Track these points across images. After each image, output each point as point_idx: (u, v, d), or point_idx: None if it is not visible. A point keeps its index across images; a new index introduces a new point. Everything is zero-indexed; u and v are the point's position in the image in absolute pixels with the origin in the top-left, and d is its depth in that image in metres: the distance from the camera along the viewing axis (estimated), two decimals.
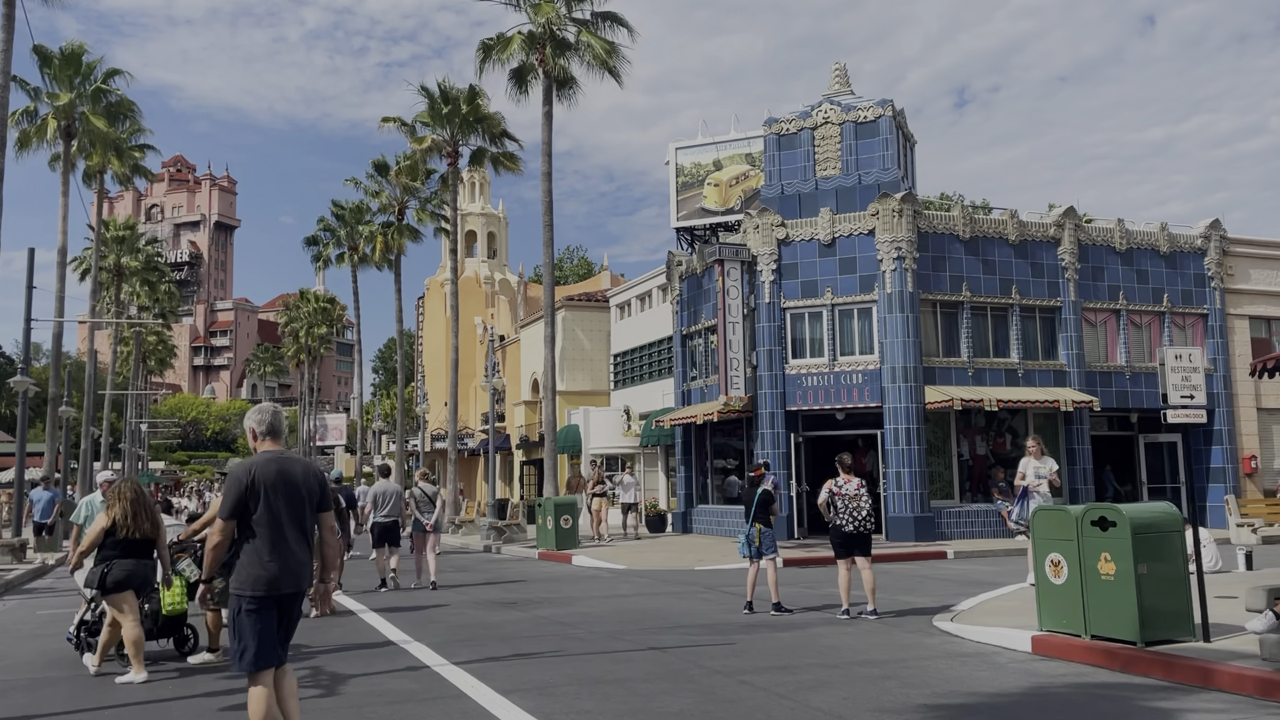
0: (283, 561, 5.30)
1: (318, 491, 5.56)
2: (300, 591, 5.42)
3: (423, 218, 42.71)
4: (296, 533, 5.40)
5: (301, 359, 79.66)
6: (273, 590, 5.25)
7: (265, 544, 5.29)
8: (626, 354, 34.73)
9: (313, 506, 5.52)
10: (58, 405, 29.43)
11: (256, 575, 5.24)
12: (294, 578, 5.35)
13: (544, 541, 22.97)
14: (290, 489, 5.41)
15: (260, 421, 5.58)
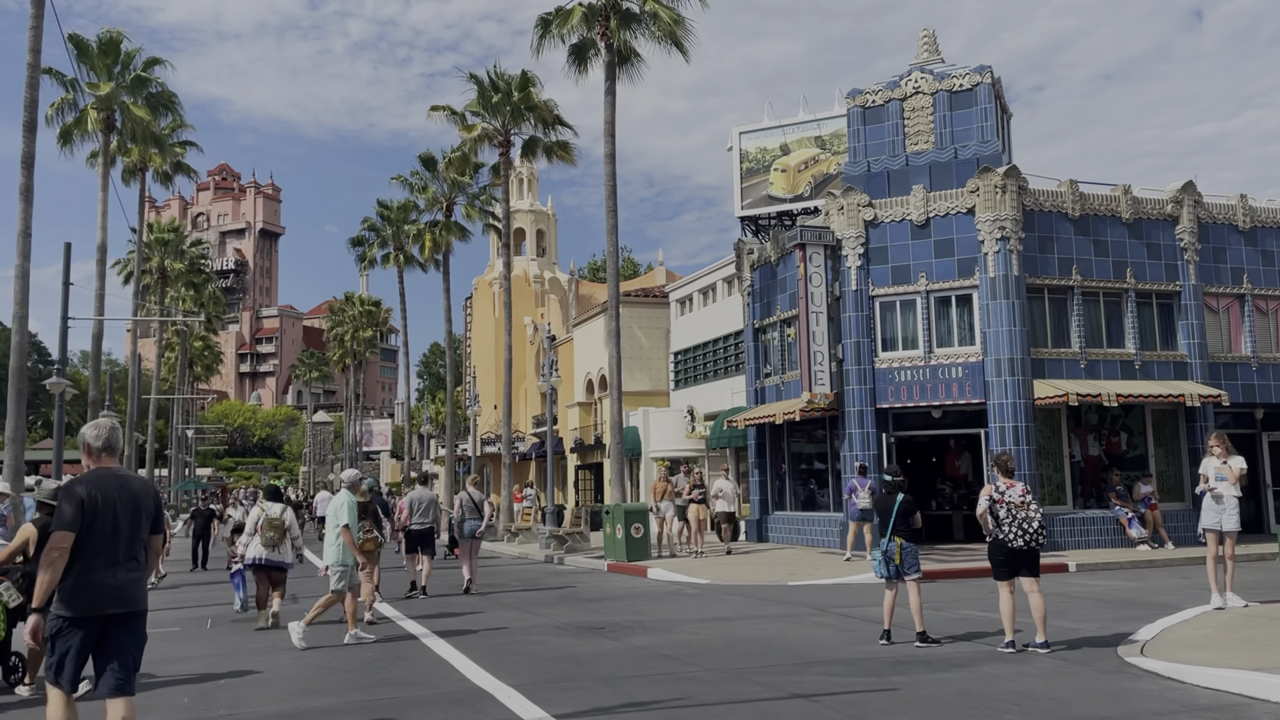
0: (113, 579, 5.18)
1: (154, 511, 5.50)
2: (134, 612, 5.28)
3: (471, 214, 41.14)
4: (129, 551, 5.29)
5: (346, 363, 78.78)
6: (98, 609, 5.12)
7: (96, 561, 5.17)
8: (688, 351, 32.83)
9: (148, 525, 5.45)
10: (98, 409, 28.17)
11: (83, 592, 5.10)
12: (124, 596, 5.21)
13: (612, 552, 21.13)
14: (128, 506, 5.33)
15: (97, 437, 5.45)
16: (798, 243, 21.64)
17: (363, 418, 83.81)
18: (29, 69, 18.97)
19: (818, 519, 22.74)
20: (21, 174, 18.96)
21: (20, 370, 18.81)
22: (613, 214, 23.36)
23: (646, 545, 20.81)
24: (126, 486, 5.38)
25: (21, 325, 18.85)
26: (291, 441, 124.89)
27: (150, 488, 5.59)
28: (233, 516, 21.96)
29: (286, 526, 12.73)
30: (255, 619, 13.41)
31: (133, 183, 38.15)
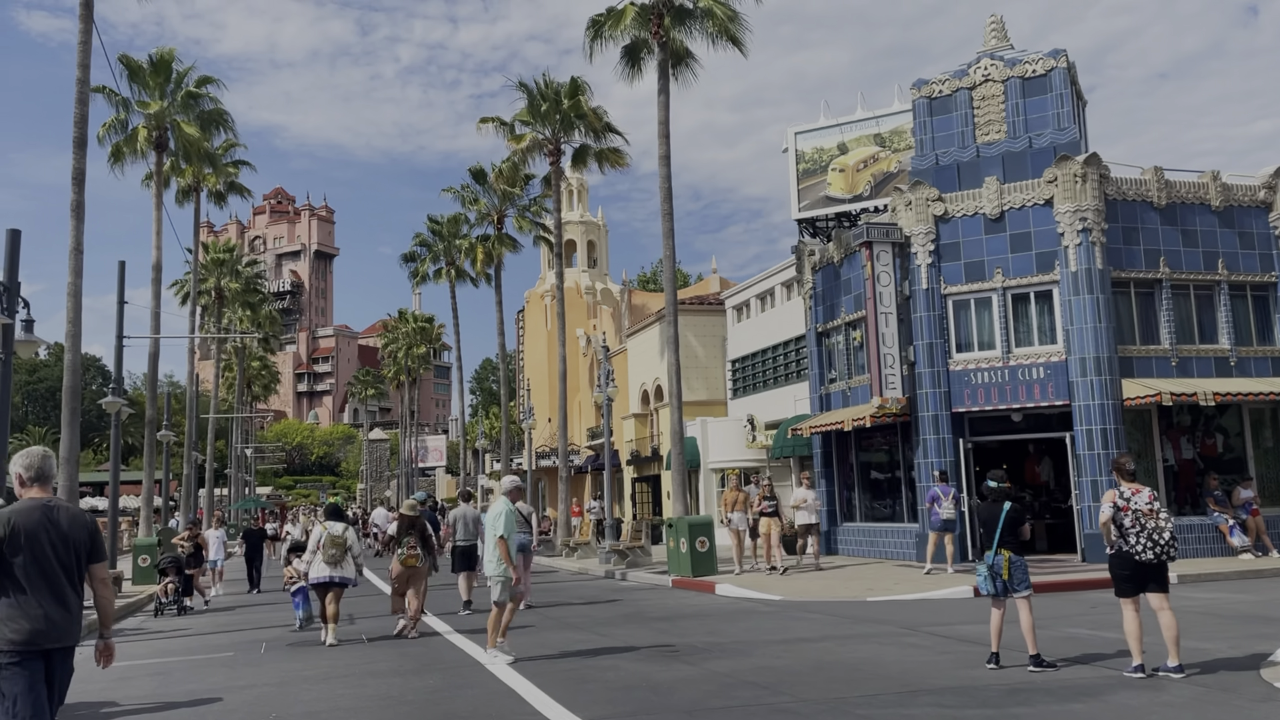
0: (46, 613, 5.01)
1: (87, 542, 5.26)
2: (68, 647, 5.15)
3: (522, 225, 40.74)
4: (63, 584, 5.12)
5: (401, 380, 79.06)
6: (35, 644, 4.96)
7: (28, 595, 5.00)
8: (746, 359, 31.91)
9: (83, 557, 5.24)
10: (155, 429, 28.08)
11: (19, 627, 4.94)
12: (60, 631, 5.07)
13: (676, 567, 20.28)
14: (56, 537, 5.14)
15: (28, 466, 5.26)
16: (864, 240, 20.68)
17: (417, 434, 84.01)
18: (78, 84, 18.80)
19: (890, 530, 21.67)
20: (72, 190, 18.76)
21: (74, 389, 18.56)
22: (668, 217, 22.61)
23: (712, 559, 19.93)
24: (53, 517, 5.16)
25: (74, 344, 18.61)
26: (348, 459, 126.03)
27: (82, 518, 5.34)
28: (291, 534, 21.60)
29: (348, 544, 12.91)
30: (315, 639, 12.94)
31: (187, 204, 38.32)
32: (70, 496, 18.32)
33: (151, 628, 16.18)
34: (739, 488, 20.45)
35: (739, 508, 19.83)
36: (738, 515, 19.79)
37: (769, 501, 19.48)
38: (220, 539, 21.76)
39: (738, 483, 20.77)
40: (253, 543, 22.96)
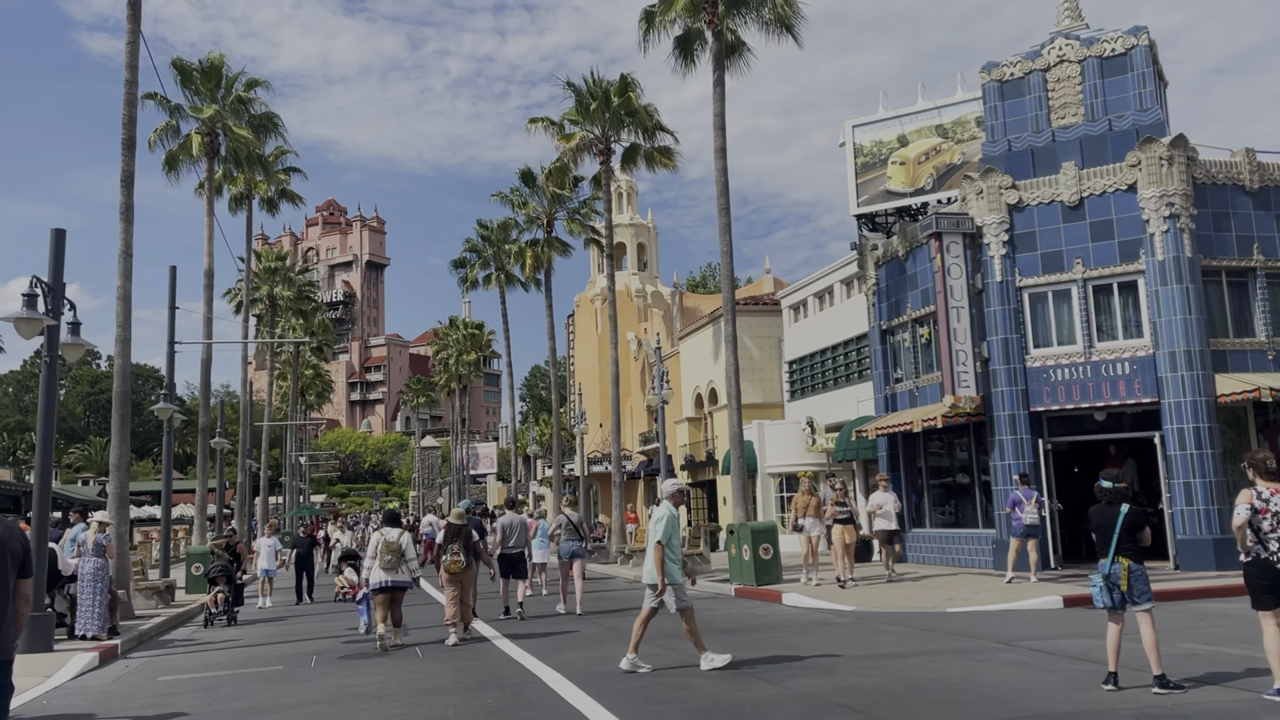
0: None
1: (20, 554, 5.24)
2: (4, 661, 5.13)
3: (572, 228, 40.23)
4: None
5: (452, 387, 79.11)
6: None
7: None
8: (803, 360, 30.95)
9: (15, 569, 5.20)
10: (208, 436, 27.91)
11: None
12: None
13: (739, 575, 19.44)
14: None
15: None
16: (933, 231, 19.70)
17: (468, 442, 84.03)
18: (126, 85, 18.55)
19: (963, 536, 20.62)
20: (121, 193, 18.50)
21: (124, 395, 18.27)
22: (725, 212, 21.82)
23: (776, 567, 19.06)
24: None
25: (124, 349, 18.33)
26: (401, 467, 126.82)
27: (16, 530, 5.22)
28: (340, 542, 21.13)
29: (403, 550, 13.11)
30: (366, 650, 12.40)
31: (239, 212, 38.40)
32: (120, 505, 18.03)
33: (201, 639, 15.75)
34: (811, 491, 18.82)
35: (812, 512, 18.36)
36: (810, 521, 18.30)
37: (842, 508, 17.94)
38: (272, 548, 21.19)
39: (810, 486, 19.10)
40: (303, 551, 22.10)
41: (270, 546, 21.12)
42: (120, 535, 17.92)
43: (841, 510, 17.92)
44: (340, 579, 20.37)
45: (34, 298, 13.17)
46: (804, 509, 18.49)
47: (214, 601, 17.74)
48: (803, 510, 18.50)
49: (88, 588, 14.37)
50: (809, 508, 18.44)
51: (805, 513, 18.43)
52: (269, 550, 21.04)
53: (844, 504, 18.04)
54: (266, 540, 21.30)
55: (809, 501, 18.49)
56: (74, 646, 13.74)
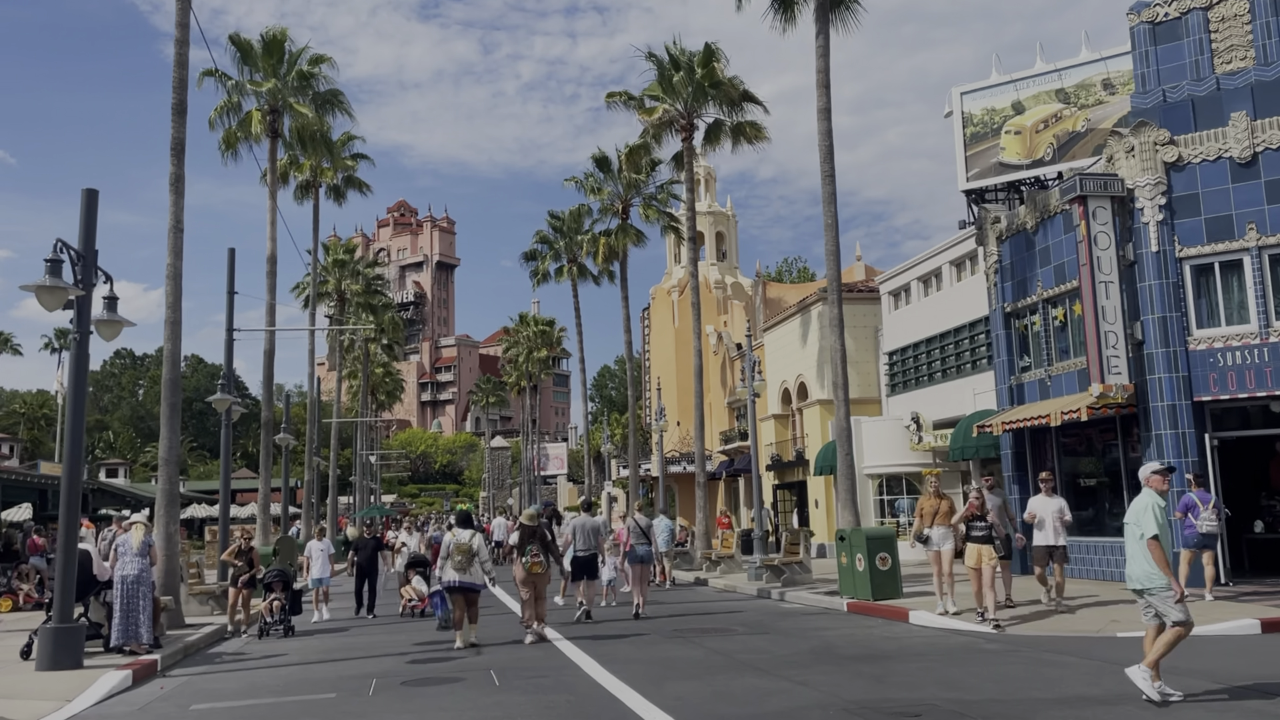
0: None
1: None
2: None
3: (649, 214, 38.17)
4: None
5: (522, 386, 77.83)
6: None
7: None
8: (906, 350, 28.42)
9: None
10: (271, 431, 26.50)
11: None
12: None
13: (850, 587, 17.13)
14: None
15: None
16: (1076, 195, 17.13)
17: (539, 442, 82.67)
18: (176, 45, 17.06)
19: (1106, 546, 17.99)
20: (171, 162, 17.00)
21: (173, 383, 16.71)
22: (830, 179, 19.53)
23: (895, 580, 16.70)
24: None
25: (174, 332, 16.78)
26: (471, 467, 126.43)
27: None
28: (407, 546, 19.26)
29: (475, 551, 13.17)
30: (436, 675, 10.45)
31: (305, 201, 37.25)
32: (169, 502, 16.48)
33: (252, 653, 14.02)
34: (940, 493, 14.59)
35: (941, 520, 14.16)
36: (939, 531, 14.19)
37: (979, 523, 13.25)
38: (324, 552, 18.45)
39: (937, 487, 14.71)
40: (366, 555, 18.88)
41: (322, 551, 18.49)
42: (170, 535, 16.36)
43: (979, 527, 13.25)
44: (407, 589, 18.33)
45: (59, 264, 11.53)
46: (932, 516, 14.34)
47: (269, 610, 16.05)
48: (930, 517, 14.34)
49: (127, 594, 12.71)
50: (938, 514, 14.28)
51: (933, 521, 14.32)
52: (321, 556, 18.40)
53: (981, 518, 13.31)
54: (317, 545, 18.59)
55: (938, 506, 14.36)
56: (107, 662, 12.09)
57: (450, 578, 13.12)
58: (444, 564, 13.27)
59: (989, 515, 13.49)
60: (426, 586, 17.10)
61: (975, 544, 13.26)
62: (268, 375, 26.47)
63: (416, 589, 17.82)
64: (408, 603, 17.97)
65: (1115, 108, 25.35)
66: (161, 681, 11.49)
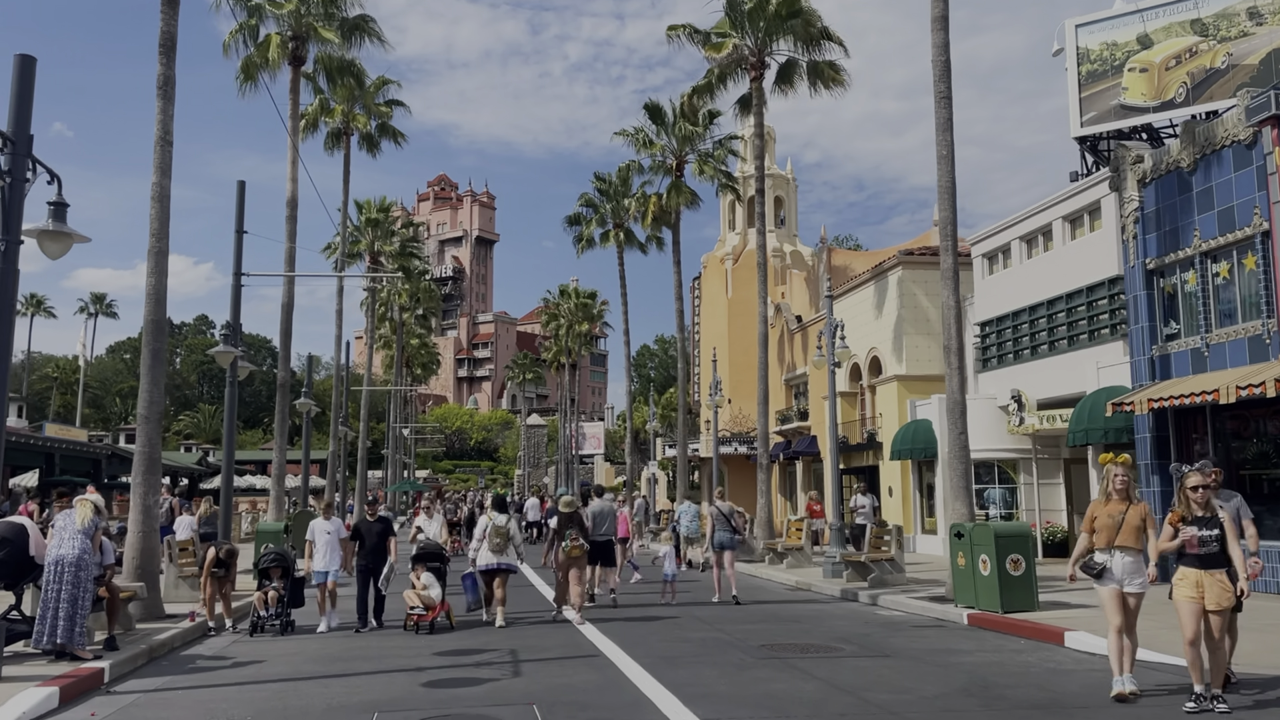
0: None
1: None
2: None
3: (705, 170, 34.96)
4: None
5: (561, 361, 75.06)
6: None
7: None
8: (1002, 320, 25.00)
9: None
10: (288, 394, 23.75)
11: None
12: None
13: (970, 595, 13.97)
14: None
15: None
16: (1269, 116, 13.71)
17: (576, 420, 79.93)
18: None
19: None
20: (160, 61, 14.16)
21: (158, 325, 13.90)
22: (945, 102, 16.21)
23: (1031, 588, 13.52)
24: None
25: (159, 263, 13.96)
26: (506, 445, 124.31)
27: None
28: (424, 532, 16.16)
29: (511, 534, 13.44)
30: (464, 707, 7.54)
31: (336, 151, 34.46)
32: (148, 467, 13.70)
33: (235, 657, 11.19)
34: (1129, 493, 8.52)
35: (1127, 539, 8.27)
36: (1125, 559, 8.30)
37: (1208, 530, 7.85)
38: (332, 535, 13.56)
39: (1126, 481, 8.47)
40: (373, 543, 13.56)
41: (329, 535, 13.56)
42: (148, 508, 13.59)
43: (1208, 538, 7.82)
44: (410, 593, 13.16)
45: None
46: (1113, 531, 8.35)
47: (263, 601, 13.23)
48: (1110, 533, 8.35)
49: (65, 581, 9.88)
50: (1123, 528, 8.31)
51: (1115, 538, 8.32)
52: (328, 541, 13.49)
53: (1209, 517, 7.89)
54: (322, 526, 13.62)
55: (1122, 515, 8.36)
56: (36, 671, 9.29)
57: (487, 560, 13.37)
58: (480, 546, 13.46)
59: (1221, 520, 7.88)
60: (440, 589, 13.14)
61: (1192, 568, 7.91)
62: (285, 331, 23.69)
63: (423, 596, 13.03)
64: (412, 611, 13.05)
65: (1262, 40, 21.73)
66: (97, 704, 8.64)
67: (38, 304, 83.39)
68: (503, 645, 11.64)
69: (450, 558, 14.59)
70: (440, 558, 13.88)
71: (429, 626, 12.89)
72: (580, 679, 9.39)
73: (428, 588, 13.13)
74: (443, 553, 14.20)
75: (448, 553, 14.56)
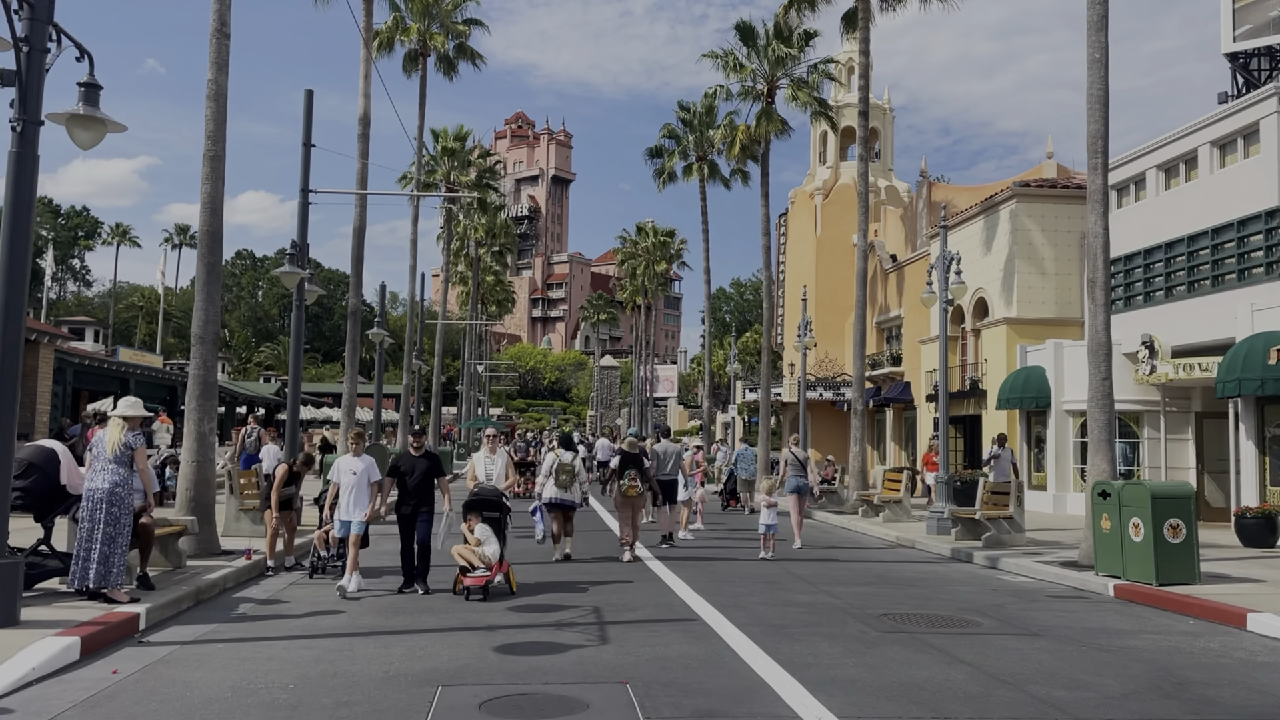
0: None
1: None
2: None
3: (798, 96, 32.63)
4: None
5: (637, 302, 73.63)
6: None
7: None
8: (1133, 259, 22.62)
9: None
10: (359, 322, 22.70)
11: None
12: None
13: (1114, 563, 12.17)
14: None
15: None
16: None
17: (650, 362, 78.64)
18: None
19: None
20: None
21: (213, 237, 12.71)
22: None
23: (1192, 558, 11.68)
24: None
25: (215, 168, 12.72)
26: (579, 385, 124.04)
27: None
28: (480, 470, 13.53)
29: (576, 471, 13.77)
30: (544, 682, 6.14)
31: (413, 73, 33.06)
32: (203, 391, 12.62)
33: (289, 603, 10.08)
34: None
35: None
36: None
37: None
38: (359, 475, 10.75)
39: None
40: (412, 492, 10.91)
41: (355, 474, 10.72)
42: (202, 435, 12.53)
43: None
44: (462, 548, 10.67)
45: None
46: None
47: (324, 540, 12.11)
48: None
49: (96, 516, 8.77)
50: None
51: None
52: (353, 483, 10.70)
53: None
54: (349, 463, 10.82)
55: None
56: (61, 615, 8.23)
57: (552, 494, 13.68)
58: (547, 481, 13.83)
59: None
60: (499, 545, 10.73)
61: None
62: (356, 257, 22.56)
63: (481, 554, 10.57)
64: (464, 573, 10.56)
65: None
66: (124, 658, 7.49)
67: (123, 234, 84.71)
68: (585, 602, 10.31)
69: (511, 504, 11.86)
70: (499, 505, 11.22)
71: (482, 591, 10.31)
72: (678, 650, 7.96)
73: (483, 543, 10.64)
74: (502, 499, 11.41)
75: (509, 498, 11.81)
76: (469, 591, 10.37)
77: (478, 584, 10.36)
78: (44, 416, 22.40)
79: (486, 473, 11.81)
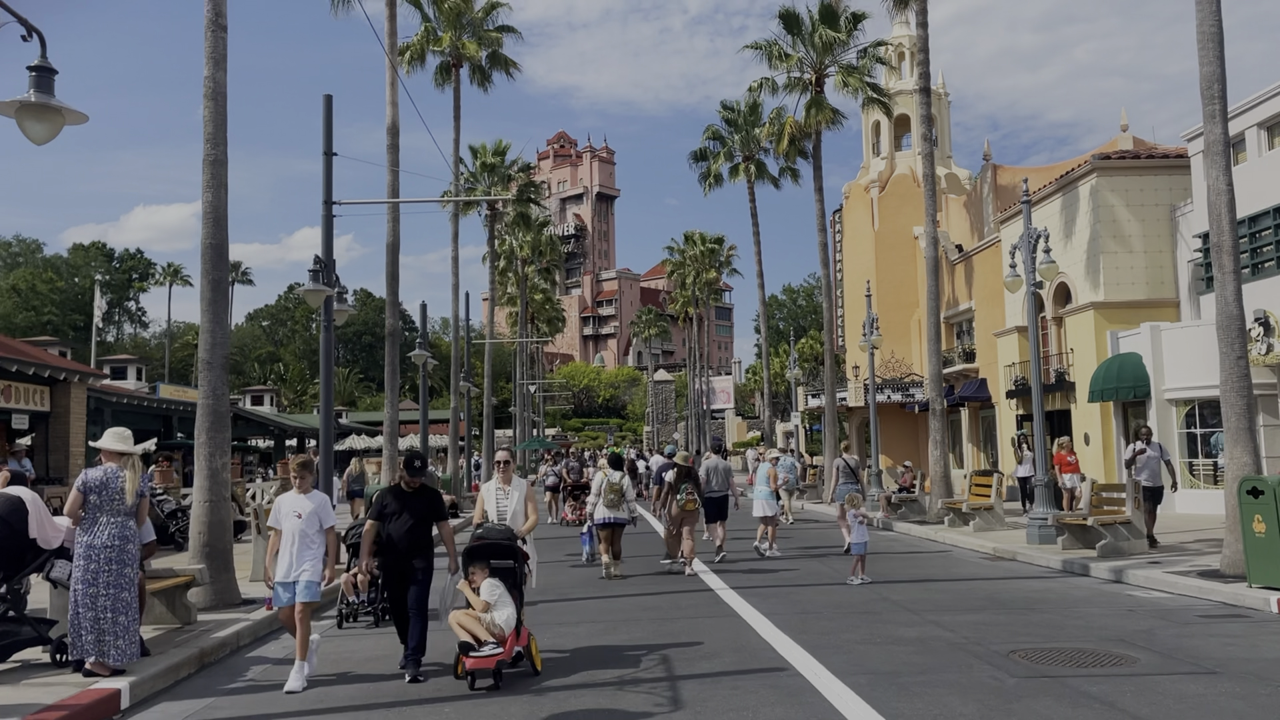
0: None
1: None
2: None
3: (850, 82, 30.89)
4: None
5: (688, 313, 72.05)
6: None
7: None
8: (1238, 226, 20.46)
9: None
10: (398, 344, 21.44)
11: None
12: None
13: (1274, 572, 10.25)
14: None
15: None
16: None
17: (704, 373, 76.91)
18: None
19: None
20: None
21: (217, 251, 11.42)
22: None
23: None
24: None
25: (216, 175, 11.45)
26: (634, 401, 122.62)
27: None
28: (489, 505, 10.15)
29: (624, 490, 14.01)
30: None
31: (445, 85, 32.00)
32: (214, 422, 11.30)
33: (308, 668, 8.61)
34: None
35: None
36: None
37: None
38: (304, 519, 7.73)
39: None
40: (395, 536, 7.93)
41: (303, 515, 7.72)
42: (214, 471, 11.21)
43: None
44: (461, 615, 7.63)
45: None
46: None
47: (352, 585, 10.65)
48: None
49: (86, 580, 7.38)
50: None
51: None
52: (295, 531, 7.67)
53: None
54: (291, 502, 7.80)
55: None
56: (29, 697, 6.85)
57: (603, 514, 13.85)
58: (597, 501, 13.98)
59: None
60: (514, 608, 7.69)
61: None
62: (391, 274, 21.31)
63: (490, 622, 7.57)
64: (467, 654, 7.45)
65: None
66: None
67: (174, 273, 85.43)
68: (644, 639, 8.73)
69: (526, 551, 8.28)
70: (513, 550, 8.01)
71: (492, 675, 7.32)
72: (770, 716, 6.33)
73: (491, 606, 7.61)
74: (514, 544, 8.05)
75: (524, 543, 8.30)
76: (473, 677, 7.36)
77: (485, 666, 7.33)
78: (79, 459, 21.46)
79: (499, 510, 8.45)
